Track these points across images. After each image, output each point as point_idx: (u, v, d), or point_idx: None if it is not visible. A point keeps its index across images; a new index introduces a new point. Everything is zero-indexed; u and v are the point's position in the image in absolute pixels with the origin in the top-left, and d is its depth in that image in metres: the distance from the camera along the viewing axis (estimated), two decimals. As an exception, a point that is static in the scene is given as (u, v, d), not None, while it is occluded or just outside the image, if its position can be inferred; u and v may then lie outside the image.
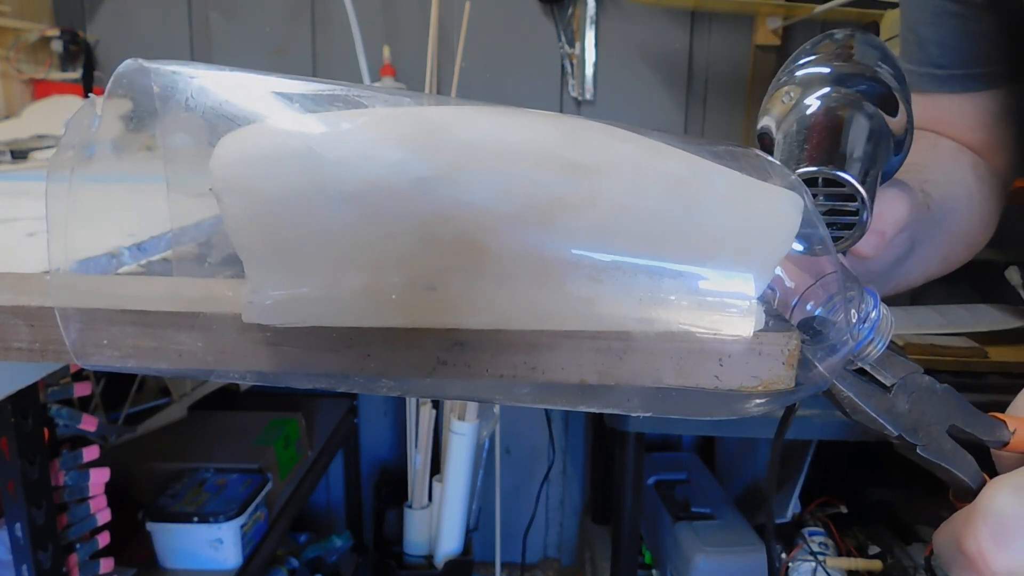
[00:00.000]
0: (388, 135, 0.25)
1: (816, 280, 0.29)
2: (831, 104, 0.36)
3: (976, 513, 0.26)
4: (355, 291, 0.25)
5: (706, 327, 0.26)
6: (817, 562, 1.28)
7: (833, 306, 0.29)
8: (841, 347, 0.28)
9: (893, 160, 0.38)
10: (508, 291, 0.26)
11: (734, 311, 0.26)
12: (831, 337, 0.28)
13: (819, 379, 0.28)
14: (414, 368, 0.26)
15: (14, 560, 0.79)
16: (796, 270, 0.30)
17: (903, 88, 0.38)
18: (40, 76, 1.51)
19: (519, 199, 0.25)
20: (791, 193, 0.27)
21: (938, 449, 0.31)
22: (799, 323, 0.29)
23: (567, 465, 1.87)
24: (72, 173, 0.26)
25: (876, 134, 0.36)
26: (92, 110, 0.27)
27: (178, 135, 0.28)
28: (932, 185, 0.49)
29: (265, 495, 1.19)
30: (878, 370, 0.31)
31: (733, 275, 0.26)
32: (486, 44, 1.64)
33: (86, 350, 0.28)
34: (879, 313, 0.30)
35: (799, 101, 0.37)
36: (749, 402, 0.28)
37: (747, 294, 0.26)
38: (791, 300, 0.29)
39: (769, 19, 1.54)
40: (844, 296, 0.29)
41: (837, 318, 0.29)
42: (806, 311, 0.29)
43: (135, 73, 0.27)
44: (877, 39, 0.40)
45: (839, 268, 0.29)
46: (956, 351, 1.09)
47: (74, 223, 0.27)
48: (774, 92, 0.39)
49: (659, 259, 0.26)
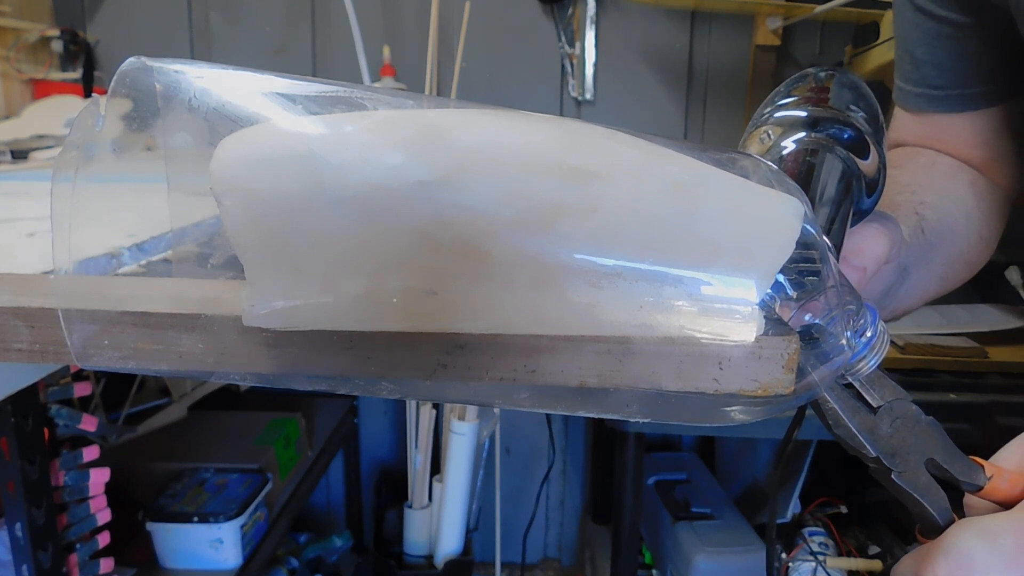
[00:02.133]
0: (389, 138, 0.25)
1: (816, 291, 0.29)
2: (803, 148, 0.37)
3: (938, 549, 0.26)
4: (355, 294, 0.25)
5: (707, 333, 0.26)
6: (817, 562, 1.28)
7: (832, 318, 0.29)
8: (836, 358, 0.28)
9: (867, 201, 0.39)
10: (509, 296, 0.26)
11: (736, 317, 0.26)
12: (826, 346, 0.28)
13: (811, 386, 0.28)
14: (414, 371, 0.26)
15: (14, 560, 0.79)
16: None
17: (876, 131, 0.39)
18: (40, 76, 1.51)
19: (520, 204, 0.25)
20: (792, 198, 0.27)
21: (914, 479, 0.31)
22: (798, 331, 0.29)
23: (567, 465, 1.87)
24: (76, 173, 0.26)
25: (847, 178, 0.37)
26: (96, 110, 0.27)
27: (179, 135, 0.28)
28: (927, 207, 0.49)
29: (265, 495, 1.19)
30: (867, 389, 0.31)
31: (734, 280, 0.26)
32: (486, 44, 1.64)
33: (87, 352, 0.28)
34: (876, 330, 0.30)
35: (775, 143, 0.38)
36: (746, 411, 0.28)
37: (748, 300, 0.26)
38: (792, 308, 0.29)
39: (769, 19, 1.54)
40: (843, 309, 0.29)
41: (835, 329, 0.29)
42: (804, 320, 0.29)
43: (138, 72, 0.27)
44: (854, 79, 0.41)
45: (839, 280, 0.29)
46: (956, 351, 1.09)
47: (76, 223, 0.27)
48: (752, 131, 0.40)
49: (660, 264, 0.26)
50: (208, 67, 0.28)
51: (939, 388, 1.03)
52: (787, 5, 1.49)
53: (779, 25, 1.55)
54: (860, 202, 0.38)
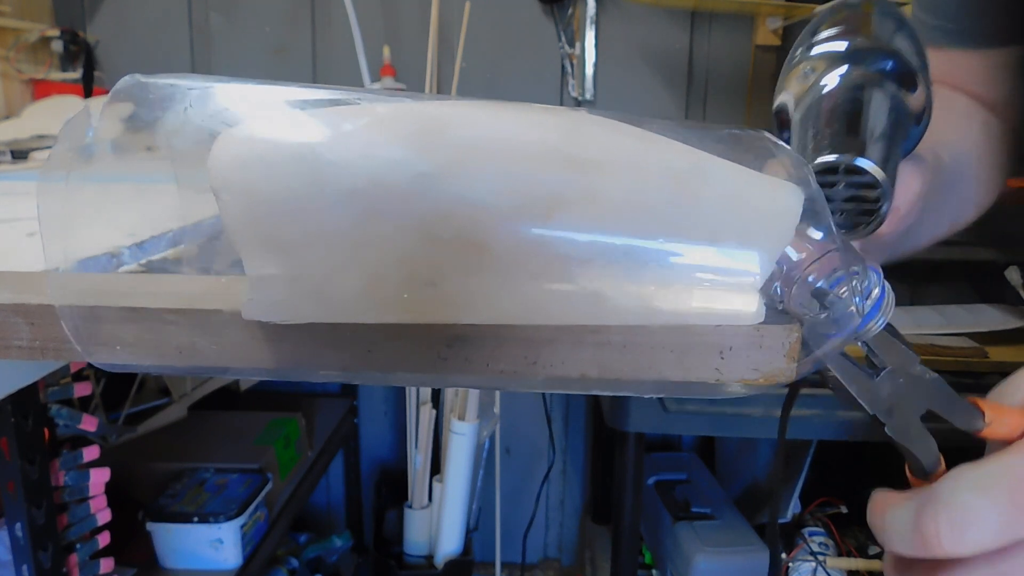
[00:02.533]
0: (387, 132, 0.25)
1: (820, 254, 0.29)
2: (849, 85, 0.35)
3: (938, 501, 0.27)
4: (355, 288, 0.25)
5: (709, 310, 0.26)
6: (817, 562, 1.28)
7: (837, 279, 0.28)
8: (846, 324, 0.28)
9: (913, 136, 0.37)
10: (509, 287, 0.26)
11: (738, 289, 0.26)
12: (836, 313, 0.28)
13: (818, 360, 0.28)
14: (415, 363, 0.26)
15: (14, 560, 0.79)
16: (801, 245, 0.30)
17: (923, 62, 0.37)
18: (40, 76, 1.51)
19: (519, 195, 0.25)
20: (791, 184, 0.27)
21: (904, 431, 0.31)
22: (812, 293, 0.29)
23: (567, 465, 1.87)
24: (68, 175, 0.26)
25: (896, 115, 0.35)
26: (87, 120, 0.27)
27: (180, 135, 0.28)
28: (944, 148, 0.48)
29: (265, 495, 1.19)
30: (873, 352, 0.31)
31: (736, 254, 0.26)
32: (486, 44, 1.64)
33: (88, 348, 0.28)
34: (883, 290, 0.30)
35: (816, 81, 0.36)
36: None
37: (751, 271, 0.26)
38: (795, 275, 0.29)
39: (769, 19, 1.54)
40: (848, 271, 0.28)
41: (842, 296, 0.28)
42: (808, 282, 0.28)
43: (133, 90, 0.27)
44: (893, 6, 0.39)
45: (842, 245, 0.29)
46: (956, 351, 1.09)
47: (74, 223, 0.27)
48: (792, 68, 0.38)
49: (659, 252, 0.26)
50: (203, 80, 0.28)
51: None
52: (787, 5, 1.50)
53: (779, 25, 1.55)
54: (908, 139, 0.36)
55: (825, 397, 1.06)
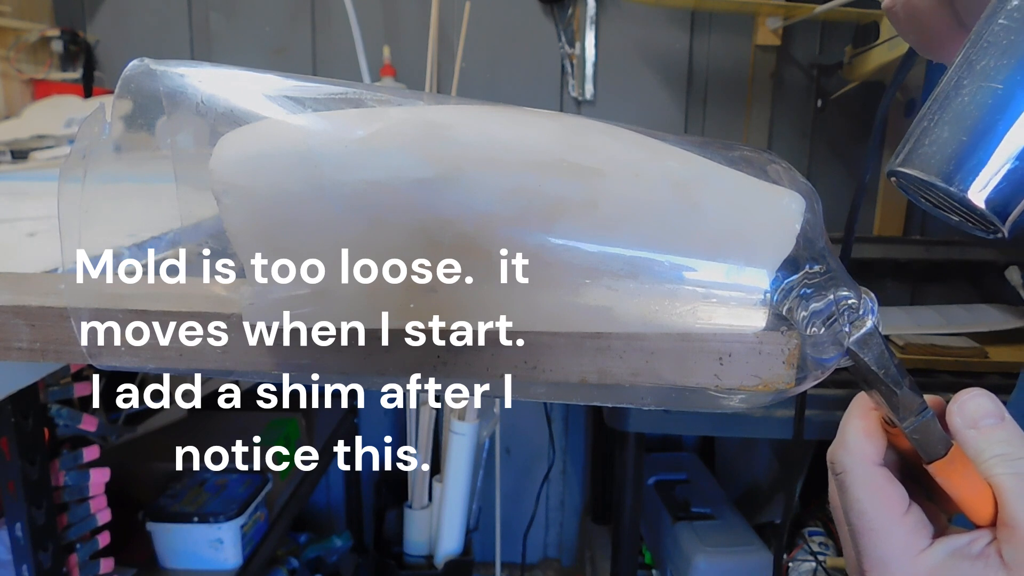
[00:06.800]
0: (388, 136, 0.25)
1: (816, 275, 0.28)
2: None
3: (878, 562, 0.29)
4: (355, 292, 0.25)
5: (716, 322, 0.26)
6: (817, 562, 1.28)
7: (829, 302, 0.28)
8: (832, 354, 0.28)
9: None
10: (509, 293, 0.26)
11: (744, 304, 0.26)
12: (819, 339, 0.28)
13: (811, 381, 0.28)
14: (414, 368, 0.26)
15: (14, 560, 0.79)
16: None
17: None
18: (40, 76, 1.51)
19: (520, 201, 0.25)
20: (793, 193, 0.27)
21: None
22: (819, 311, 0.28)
23: (567, 465, 1.87)
24: (85, 176, 0.26)
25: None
26: (102, 116, 0.27)
27: (183, 135, 0.28)
28: None
29: (265, 495, 1.19)
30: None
31: (742, 270, 0.26)
32: (486, 44, 1.64)
33: (95, 350, 0.28)
34: (874, 320, 0.30)
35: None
36: (748, 399, 0.28)
37: (759, 287, 0.26)
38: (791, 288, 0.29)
39: (769, 19, 1.54)
40: (837, 296, 0.28)
41: (833, 322, 0.28)
42: (801, 295, 0.28)
43: (142, 75, 0.27)
44: None
45: (838, 267, 0.29)
46: (956, 351, 1.09)
47: (89, 224, 0.27)
48: None
49: (660, 260, 0.26)
50: (211, 68, 0.28)
51: (939, 388, 1.03)
52: (787, 5, 1.49)
53: (779, 25, 1.55)
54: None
55: (825, 397, 1.06)
